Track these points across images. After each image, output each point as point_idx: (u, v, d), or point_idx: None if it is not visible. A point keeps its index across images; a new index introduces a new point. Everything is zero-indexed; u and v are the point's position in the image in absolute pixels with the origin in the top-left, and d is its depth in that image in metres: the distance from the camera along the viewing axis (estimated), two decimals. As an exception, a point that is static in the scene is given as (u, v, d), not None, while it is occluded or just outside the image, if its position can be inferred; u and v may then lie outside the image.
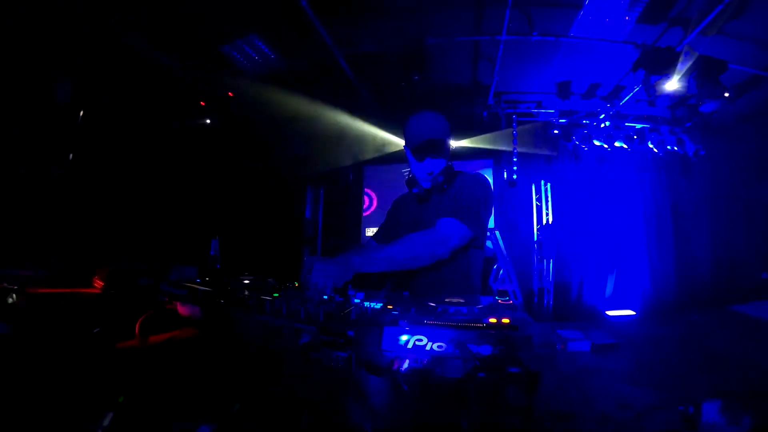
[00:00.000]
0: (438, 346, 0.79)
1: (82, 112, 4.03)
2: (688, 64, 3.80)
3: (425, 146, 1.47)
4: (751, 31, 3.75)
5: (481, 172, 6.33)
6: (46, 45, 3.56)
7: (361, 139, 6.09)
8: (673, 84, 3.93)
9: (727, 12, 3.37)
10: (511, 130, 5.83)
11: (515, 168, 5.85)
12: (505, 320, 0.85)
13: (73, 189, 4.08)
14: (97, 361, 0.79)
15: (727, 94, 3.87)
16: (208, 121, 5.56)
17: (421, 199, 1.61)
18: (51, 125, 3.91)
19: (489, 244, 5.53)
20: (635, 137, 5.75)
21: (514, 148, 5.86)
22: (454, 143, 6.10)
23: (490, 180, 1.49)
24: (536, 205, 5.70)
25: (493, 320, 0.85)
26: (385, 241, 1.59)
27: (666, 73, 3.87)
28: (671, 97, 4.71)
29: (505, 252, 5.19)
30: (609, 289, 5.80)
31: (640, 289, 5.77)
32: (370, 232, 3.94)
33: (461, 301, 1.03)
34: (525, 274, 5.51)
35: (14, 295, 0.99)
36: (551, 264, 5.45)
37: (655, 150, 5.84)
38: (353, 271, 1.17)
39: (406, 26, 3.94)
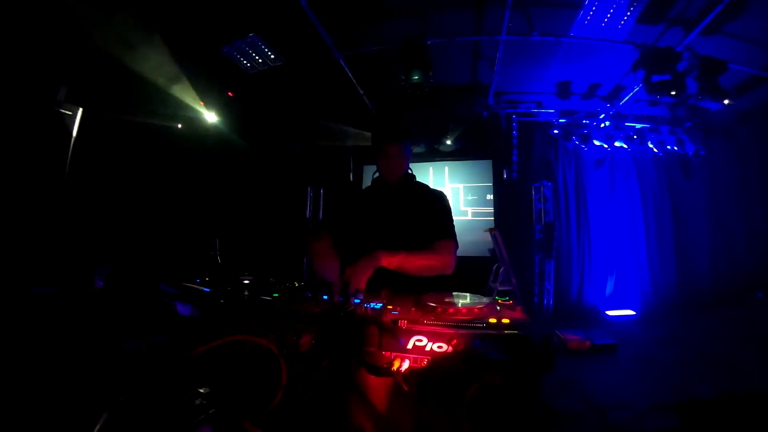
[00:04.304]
0: (438, 346, 0.79)
1: (81, 113, 4.03)
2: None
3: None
4: (751, 31, 3.75)
5: (481, 171, 6.36)
6: (45, 45, 3.56)
7: (360, 139, 6.10)
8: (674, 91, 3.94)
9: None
10: (511, 129, 5.83)
11: (515, 168, 5.85)
12: (505, 320, 0.85)
13: (73, 189, 4.08)
14: (98, 361, 0.79)
15: (727, 101, 3.88)
16: (209, 120, 5.55)
17: (389, 194, 1.71)
18: (51, 125, 3.90)
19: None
20: (635, 137, 5.75)
21: (514, 148, 5.86)
22: (455, 142, 6.13)
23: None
24: (536, 205, 5.70)
25: (493, 320, 0.85)
26: (346, 230, 1.66)
27: (666, 74, 3.87)
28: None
29: (505, 252, 5.19)
30: (609, 289, 5.80)
31: (640, 289, 5.76)
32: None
33: (461, 300, 1.03)
34: (525, 274, 5.51)
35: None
36: (551, 264, 5.44)
37: (655, 150, 5.84)
38: (379, 261, 1.25)
39: (406, 26, 3.94)
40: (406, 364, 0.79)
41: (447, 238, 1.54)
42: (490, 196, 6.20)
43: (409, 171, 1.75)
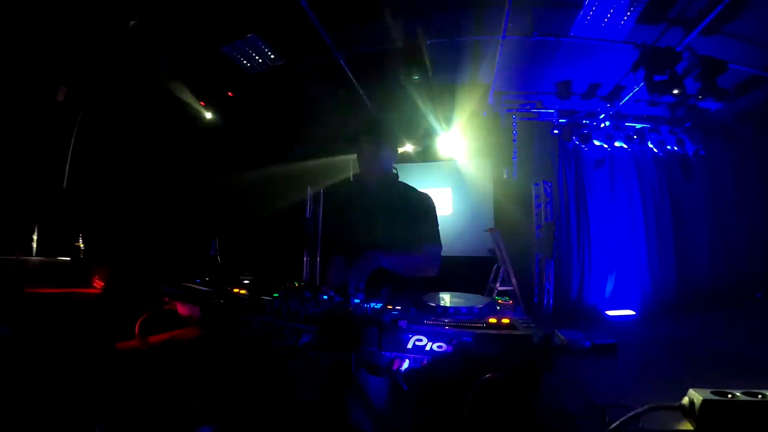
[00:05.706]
0: (438, 346, 0.79)
1: (81, 112, 4.03)
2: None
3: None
4: (751, 31, 3.75)
5: (480, 171, 6.35)
6: (46, 45, 3.56)
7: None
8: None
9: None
10: (511, 129, 5.83)
11: (515, 168, 5.85)
12: (505, 320, 0.85)
13: (73, 190, 4.08)
14: (97, 361, 0.79)
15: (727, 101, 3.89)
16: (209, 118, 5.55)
17: (370, 194, 1.73)
18: (51, 125, 3.91)
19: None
20: (635, 137, 5.75)
21: (514, 148, 5.86)
22: (455, 142, 6.13)
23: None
24: (536, 205, 5.70)
25: (493, 320, 0.85)
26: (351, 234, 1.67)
27: (666, 74, 3.87)
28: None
29: (505, 252, 5.18)
30: (609, 289, 5.79)
31: (640, 289, 5.76)
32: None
33: (461, 300, 1.03)
34: (525, 274, 5.50)
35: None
36: (551, 264, 5.44)
37: (655, 150, 5.83)
38: (378, 262, 1.27)
39: (406, 26, 3.93)
40: (406, 364, 0.79)
41: (432, 242, 1.59)
42: (489, 196, 6.19)
43: (394, 170, 1.75)
